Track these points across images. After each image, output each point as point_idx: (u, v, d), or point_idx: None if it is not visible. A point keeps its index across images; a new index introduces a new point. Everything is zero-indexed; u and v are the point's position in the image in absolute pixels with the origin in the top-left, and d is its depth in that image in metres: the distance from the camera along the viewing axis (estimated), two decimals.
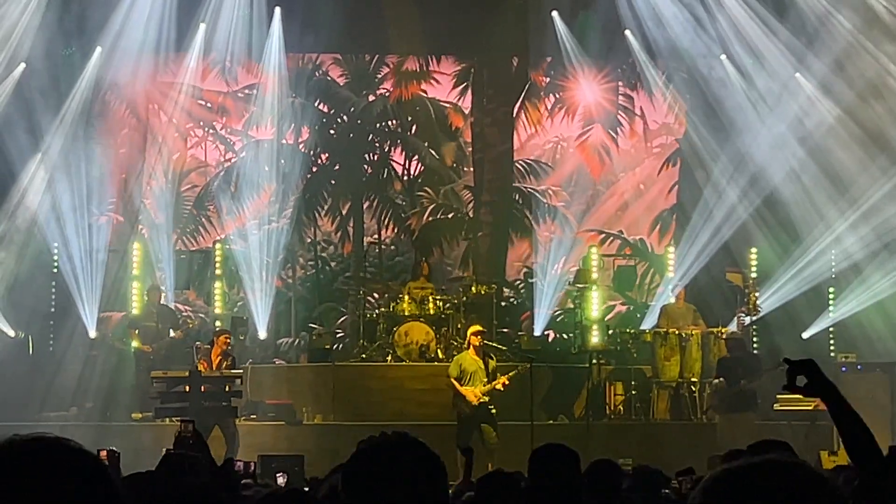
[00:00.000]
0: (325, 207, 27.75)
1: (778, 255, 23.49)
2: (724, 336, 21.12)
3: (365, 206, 27.69)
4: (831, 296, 23.71)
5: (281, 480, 13.21)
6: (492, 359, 19.14)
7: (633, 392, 21.53)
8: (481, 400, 18.59)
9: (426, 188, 28.03)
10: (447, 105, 27.89)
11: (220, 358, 19.65)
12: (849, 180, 22.94)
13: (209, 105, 27.20)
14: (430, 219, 27.88)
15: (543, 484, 6.14)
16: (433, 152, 27.94)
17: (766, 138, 24.03)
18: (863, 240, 22.90)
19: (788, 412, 20.46)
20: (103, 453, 7.77)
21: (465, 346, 19.39)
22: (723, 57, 24.81)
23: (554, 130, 28.19)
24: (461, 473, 10.72)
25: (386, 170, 27.99)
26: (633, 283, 26.74)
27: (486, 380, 18.62)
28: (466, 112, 27.75)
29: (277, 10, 25.12)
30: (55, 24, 23.24)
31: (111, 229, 25.74)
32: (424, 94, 27.80)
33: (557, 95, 27.74)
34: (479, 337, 18.92)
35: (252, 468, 9.49)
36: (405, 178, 28.01)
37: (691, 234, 24.86)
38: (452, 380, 18.84)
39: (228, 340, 19.75)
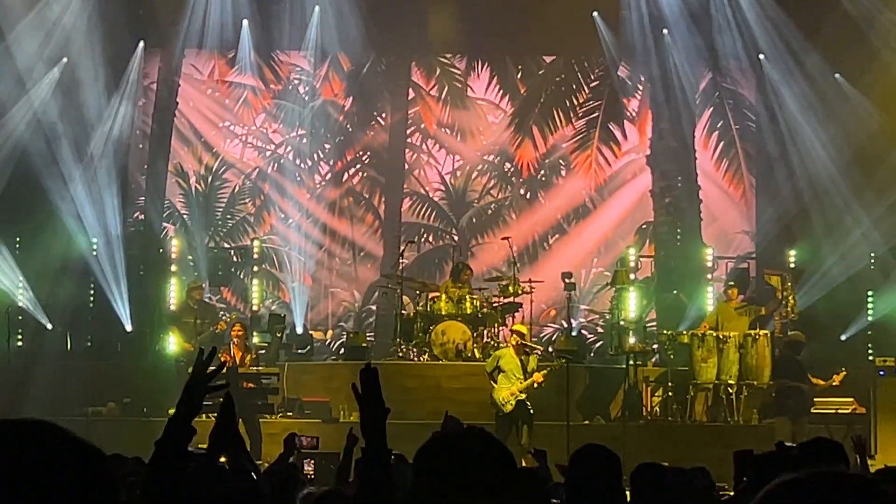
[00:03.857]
0: (363, 205, 27.74)
1: (817, 257, 23.37)
2: (792, 336, 20.98)
3: (406, 206, 27.60)
4: (870, 299, 23.58)
5: (308, 468, 13.33)
6: (528, 355, 19.15)
7: (670, 394, 21.47)
8: (518, 398, 18.63)
9: (471, 190, 27.98)
10: (485, 103, 27.82)
11: (241, 352, 19.89)
12: (890, 182, 22.78)
13: (247, 103, 27.24)
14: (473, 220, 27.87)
15: (583, 486, 6.11)
16: (473, 150, 27.89)
17: (806, 139, 23.94)
18: None
19: (826, 415, 20.36)
20: None
21: (506, 344, 19.49)
22: (761, 56, 24.78)
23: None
24: None
25: (425, 169, 27.97)
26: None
27: (522, 377, 18.66)
28: (506, 110, 27.72)
29: (317, 9, 25.19)
30: (98, 19, 23.34)
31: (146, 226, 25.89)
32: (467, 94, 27.74)
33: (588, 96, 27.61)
34: (518, 336, 18.99)
35: (316, 443, 9.58)
36: (447, 175, 27.96)
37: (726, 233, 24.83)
38: (487, 375, 19.01)
39: (239, 332, 20.05)
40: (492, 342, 21.82)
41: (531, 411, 18.73)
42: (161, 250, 24.48)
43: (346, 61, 27.26)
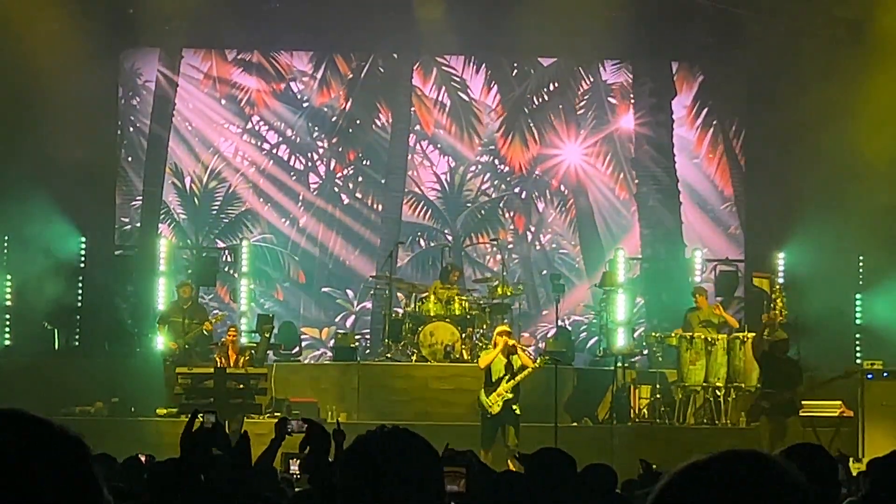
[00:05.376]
0: (360, 204, 27.56)
1: (806, 259, 23.38)
2: (774, 337, 20.99)
3: (404, 204, 27.43)
4: (858, 301, 23.63)
5: (294, 468, 13.31)
6: (515, 354, 19.11)
7: (658, 396, 21.50)
8: (506, 398, 18.62)
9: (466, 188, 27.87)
10: (481, 104, 27.70)
11: (236, 355, 20.06)
12: (879, 184, 22.75)
13: (244, 102, 27.14)
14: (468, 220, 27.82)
15: (538, 487, 6.16)
16: (469, 151, 27.76)
17: (797, 142, 23.96)
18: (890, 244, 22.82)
19: (814, 418, 20.39)
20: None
21: (492, 345, 19.45)
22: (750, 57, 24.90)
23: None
24: None
25: (418, 169, 27.83)
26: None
27: (508, 376, 18.67)
28: (500, 111, 27.60)
29: (316, 8, 25.11)
30: (85, 17, 23.26)
31: (142, 223, 25.91)
32: (464, 95, 27.62)
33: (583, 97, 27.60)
34: (504, 336, 18.95)
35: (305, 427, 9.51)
36: (443, 175, 27.80)
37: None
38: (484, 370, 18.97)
39: (234, 336, 20.29)
40: (480, 343, 21.85)
41: (518, 413, 18.69)
42: (154, 250, 24.47)
43: (344, 62, 27.19)
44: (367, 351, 24.85)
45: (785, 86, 23.62)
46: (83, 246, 23.92)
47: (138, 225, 26.08)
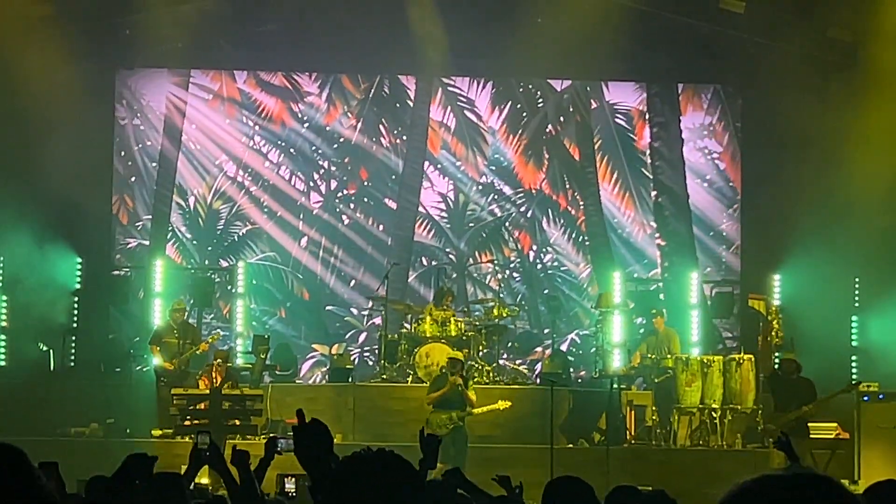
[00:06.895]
0: (361, 223, 27.53)
1: (802, 281, 23.37)
2: (781, 357, 21.00)
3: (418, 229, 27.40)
4: (854, 323, 23.61)
5: (289, 486, 13.32)
6: (467, 389, 19.31)
7: (654, 417, 21.48)
8: (457, 426, 18.85)
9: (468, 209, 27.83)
10: (487, 124, 27.66)
11: (221, 378, 20.17)
12: (873, 202, 22.76)
13: (250, 122, 27.11)
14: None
15: None
16: (474, 171, 27.71)
17: (791, 163, 23.98)
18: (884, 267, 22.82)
19: (810, 440, 20.37)
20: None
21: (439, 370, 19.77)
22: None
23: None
24: None
25: (421, 190, 27.78)
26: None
27: (463, 406, 18.92)
28: (508, 132, 27.58)
29: (322, 28, 25.11)
30: (79, 40, 23.29)
31: (147, 243, 25.90)
32: (471, 115, 27.60)
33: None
34: (457, 376, 19.16)
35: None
36: (449, 193, 27.73)
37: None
38: (429, 396, 19.13)
39: (217, 364, 20.59)
40: (476, 364, 21.86)
41: (468, 443, 18.91)
42: (149, 269, 24.49)
43: (350, 83, 27.17)
44: (378, 368, 24.86)
45: (779, 108, 23.63)
46: (79, 266, 23.91)
47: (146, 243, 26.05)
